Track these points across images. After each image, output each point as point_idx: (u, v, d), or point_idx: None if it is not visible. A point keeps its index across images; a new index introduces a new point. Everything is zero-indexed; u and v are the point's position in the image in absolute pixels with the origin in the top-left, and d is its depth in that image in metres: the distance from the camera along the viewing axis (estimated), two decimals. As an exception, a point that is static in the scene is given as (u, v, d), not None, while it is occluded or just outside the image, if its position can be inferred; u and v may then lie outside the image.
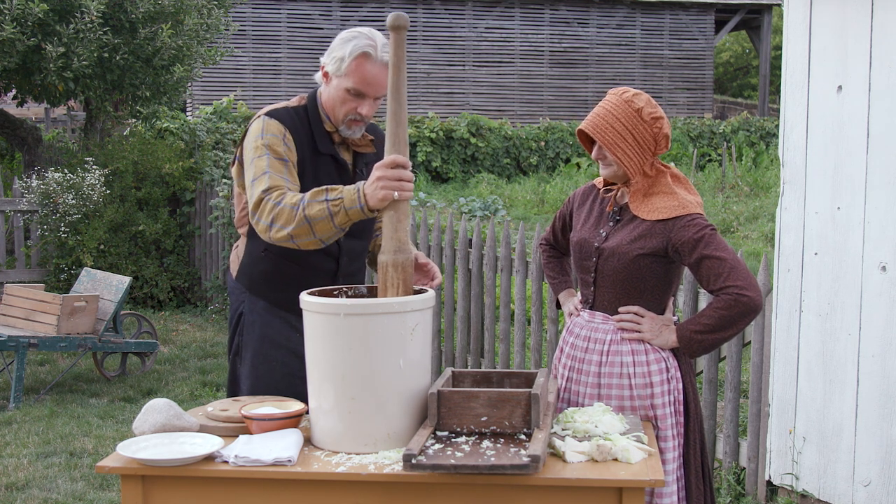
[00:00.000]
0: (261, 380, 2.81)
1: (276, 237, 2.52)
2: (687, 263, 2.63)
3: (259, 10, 17.53)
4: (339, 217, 2.45)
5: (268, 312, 2.84)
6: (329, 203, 2.44)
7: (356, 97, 2.68)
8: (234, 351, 2.92)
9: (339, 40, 2.70)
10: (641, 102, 2.65)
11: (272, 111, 2.75)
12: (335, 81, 2.70)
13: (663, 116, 2.68)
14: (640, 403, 2.66)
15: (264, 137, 2.67)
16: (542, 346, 5.37)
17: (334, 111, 2.73)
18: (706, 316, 2.60)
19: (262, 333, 2.83)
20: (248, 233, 2.85)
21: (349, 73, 2.65)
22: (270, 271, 2.82)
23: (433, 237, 6.04)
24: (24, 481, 4.68)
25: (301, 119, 2.75)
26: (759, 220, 11.59)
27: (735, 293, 2.54)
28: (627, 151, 2.65)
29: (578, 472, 2.15)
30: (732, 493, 4.34)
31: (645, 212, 2.66)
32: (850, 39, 3.82)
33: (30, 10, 7.67)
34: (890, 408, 3.71)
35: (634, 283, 2.67)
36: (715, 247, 2.57)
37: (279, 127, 2.69)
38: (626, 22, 19.41)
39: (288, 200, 2.50)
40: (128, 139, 9.74)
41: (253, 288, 2.86)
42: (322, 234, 2.48)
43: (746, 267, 2.60)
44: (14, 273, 8.71)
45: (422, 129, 15.30)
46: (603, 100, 2.73)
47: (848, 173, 3.85)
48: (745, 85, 33.66)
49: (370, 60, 2.64)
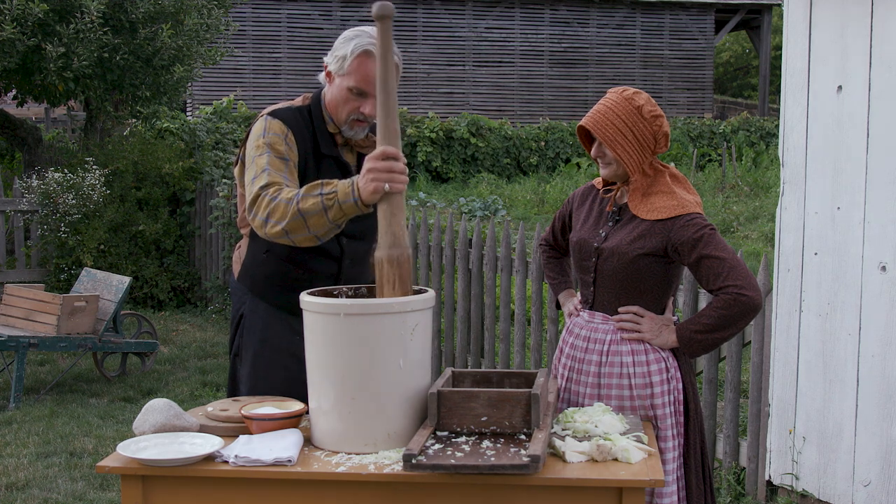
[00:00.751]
0: (261, 382, 2.80)
1: (272, 233, 2.50)
2: (686, 263, 2.63)
3: (259, 10, 17.53)
4: (333, 211, 2.41)
5: (269, 314, 2.83)
6: (323, 197, 2.41)
7: (359, 96, 2.67)
8: (235, 352, 2.91)
9: (342, 39, 2.68)
10: (641, 100, 2.66)
11: (275, 111, 2.73)
12: (338, 81, 2.68)
13: (663, 115, 2.69)
14: (640, 403, 2.66)
15: (266, 136, 2.65)
16: (542, 346, 5.37)
17: (337, 111, 2.72)
18: (706, 315, 2.60)
19: (262, 336, 2.82)
20: (251, 233, 2.84)
21: (351, 71, 2.64)
22: (272, 273, 2.81)
23: (433, 237, 6.04)
24: (24, 481, 4.68)
25: (304, 119, 2.74)
26: (759, 220, 11.59)
27: (734, 293, 2.54)
28: (627, 149, 2.65)
29: (578, 472, 2.14)
30: (732, 493, 4.34)
31: (644, 211, 2.66)
32: (850, 39, 3.82)
33: (30, 10, 7.67)
34: (890, 408, 3.71)
35: (634, 284, 2.67)
36: (714, 246, 2.57)
37: (281, 126, 2.68)
38: (626, 22, 19.41)
39: (283, 196, 2.48)
40: (128, 139, 9.74)
41: (255, 289, 2.85)
42: (316, 228, 2.45)
43: (746, 266, 2.59)
44: (14, 273, 8.71)
45: (422, 129, 15.30)
46: (603, 98, 2.72)
47: (848, 173, 3.85)
48: (745, 85, 33.66)
49: (372, 59, 2.59)
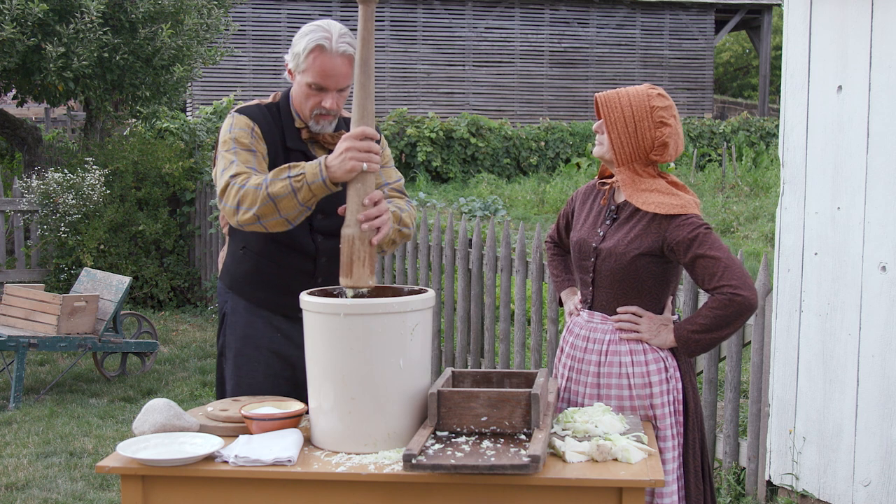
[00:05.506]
0: (244, 380, 2.82)
1: (243, 220, 2.52)
2: (682, 263, 2.62)
3: (259, 10, 17.53)
4: (303, 193, 2.44)
5: (249, 312, 2.85)
6: (291, 179, 2.45)
7: (318, 91, 2.69)
8: (220, 351, 2.94)
9: (298, 35, 2.71)
10: (660, 104, 2.63)
11: (242, 108, 2.77)
12: (298, 77, 2.71)
13: (672, 126, 2.64)
14: (640, 403, 2.65)
15: (232, 131, 2.69)
16: (542, 346, 5.37)
17: (301, 107, 2.74)
18: (702, 316, 2.59)
19: (244, 333, 2.84)
20: (230, 231, 2.88)
21: (307, 68, 2.66)
22: (250, 270, 2.83)
23: (433, 237, 6.04)
24: (24, 481, 4.68)
25: (273, 115, 2.77)
26: (759, 220, 11.58)
27: (730, 293, 2.53)
28: (623, 137, 2.64)
29: (578, 472, 2.14)
30: (732, 493, 4.34)
31: (640, 202, 2.62)
32: (850, 39, 3.82)
33: (30, 10, 7.67)
34: (890, 408, 3.71)
35: (632, 284, 2.67)
36: (709, 246, 2.56)
37: (247, 121, 2.72)
38: (626, 22, 19.41)
39: (252, 182, 2.52)
40: (128, 139, 9.74)
41: (234, 287, 2.88)
42: (287, 211, 2.48)
43: (742, 266, 2.58)
44: (14, 273, 8.71)
45: (422, 129, 15.29)
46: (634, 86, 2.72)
47: (848, 173, 3.85)
48: (745, 85, 33.65)
49: (325, 53, 2.63)
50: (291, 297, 2.72)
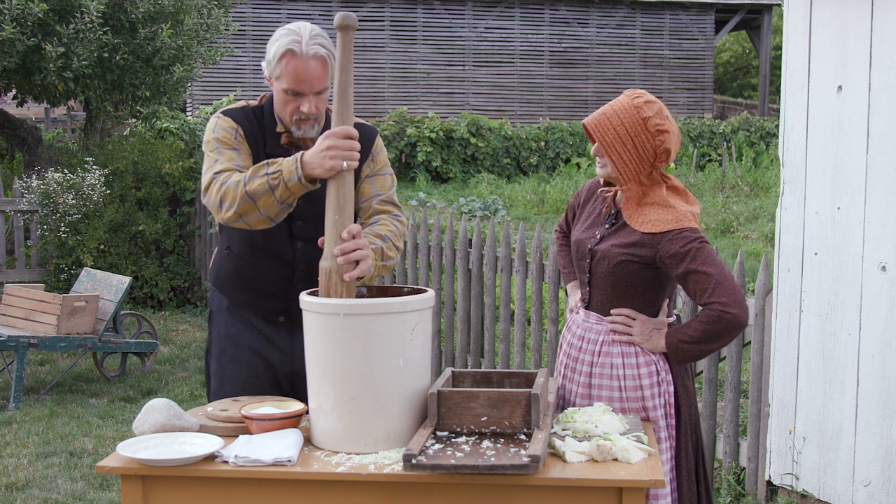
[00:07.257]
0: (227, 378, 2.84)
1: (226, 217, 2.53)
2: (674, 276, 2.60)
3: (259, 10, 17.53)
4: (280, 190, 2.44)
5: (232, 311, 2.87)
6: (269, 177, 2.45)
7: (295, 97, 2.67)
8: (206, 347, 2.97)
9: (270, 42, 2.69)
10: (651, 112, 2.58)
11: (226, 110, 2.77)
12: (275, 84, 2.69)
13: (669, 130, 2.60)
14: (631, 406, 2.65)
15: (216, 132, 2.70)
16: (542, 346, 5.37)
17: (281, 113, 2.73)
18: (692, 328, 2.57)
19: (226, 332, 2.86)
20: (220, 229, 2.90)
21: (281, 73, 2.64)
22: (232, 271, 2.85)
23: (433, 237, 6.04)
24: (24, 481, 4.68)
25: (256, 118, 2.76)
26: (759, 220, 11.58)
27: (719, 310, 2.50)
28: (624, 157, 2.60)
29: (578, 472, 2.15)
30: (732, 494, 4.34)
31: (638, 222, 2.62)
32: (850, 39, 3.82)
33: (30, 10, 7.67)
34: (890, 408, 3.71)
35: (625, 287, 2.66)
36: (702, 261, 2.52)
37: (231, 123, 2.72)
38: (626, 22, 19.40)
39: (233, 179, 2.53)
40: (128, 139, 9.74)
41: (218, 285, 2.90)
42: (266, 209, 2.48)
43: (734, 282, 2.54)
44: (14, 273, 8.71)
45: (422, 129, 15.29)
46: (615, 98, 2.66)
47: (848, 173, 3.85)
48: (745, 85, 33.65)
49: (297, 57, 2.60)
50: (270, 302, 2.74)
